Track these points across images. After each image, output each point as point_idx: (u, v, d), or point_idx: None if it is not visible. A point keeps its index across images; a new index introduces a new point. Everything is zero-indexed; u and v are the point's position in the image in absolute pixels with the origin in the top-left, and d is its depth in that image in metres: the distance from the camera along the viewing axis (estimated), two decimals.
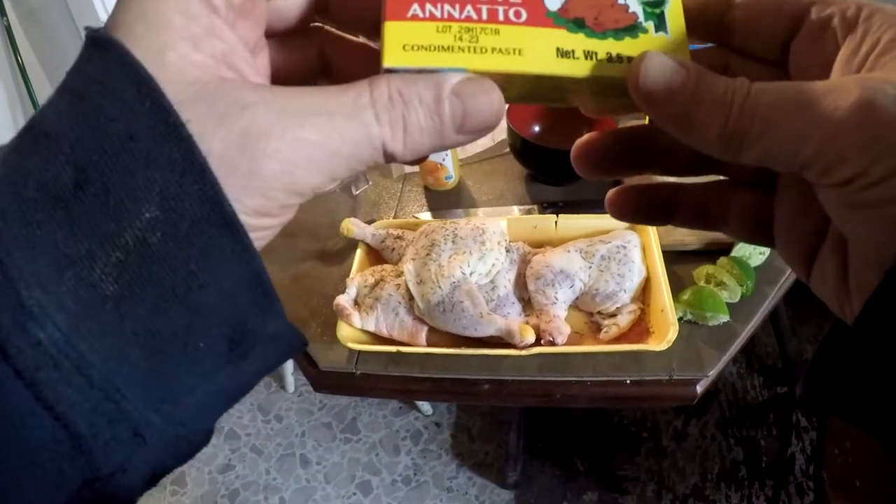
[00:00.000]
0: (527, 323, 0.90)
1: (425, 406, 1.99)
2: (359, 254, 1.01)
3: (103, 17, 2.15)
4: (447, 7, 0.26)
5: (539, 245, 1.02)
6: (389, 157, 0.25)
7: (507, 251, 0.97)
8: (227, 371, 0.24)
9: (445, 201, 1.22)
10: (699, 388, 0.89)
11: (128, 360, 0.21)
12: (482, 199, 1.22)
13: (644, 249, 0.99)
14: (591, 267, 0.95)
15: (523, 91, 0.29)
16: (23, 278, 0.19)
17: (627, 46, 0.27)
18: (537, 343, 0.87)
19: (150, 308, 0.21)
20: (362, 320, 0.91)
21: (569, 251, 0.96)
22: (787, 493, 1.82)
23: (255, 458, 1.93)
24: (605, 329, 0.92)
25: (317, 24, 0.31)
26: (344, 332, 0.90)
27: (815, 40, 0.26)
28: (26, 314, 0.19)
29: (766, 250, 1.04)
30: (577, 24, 0.27)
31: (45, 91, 2.19)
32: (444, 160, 1.18)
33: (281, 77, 0.30)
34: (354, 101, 0.24)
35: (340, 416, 2.02)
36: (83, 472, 0.22)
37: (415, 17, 0.26)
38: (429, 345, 0.91)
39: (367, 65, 0.28)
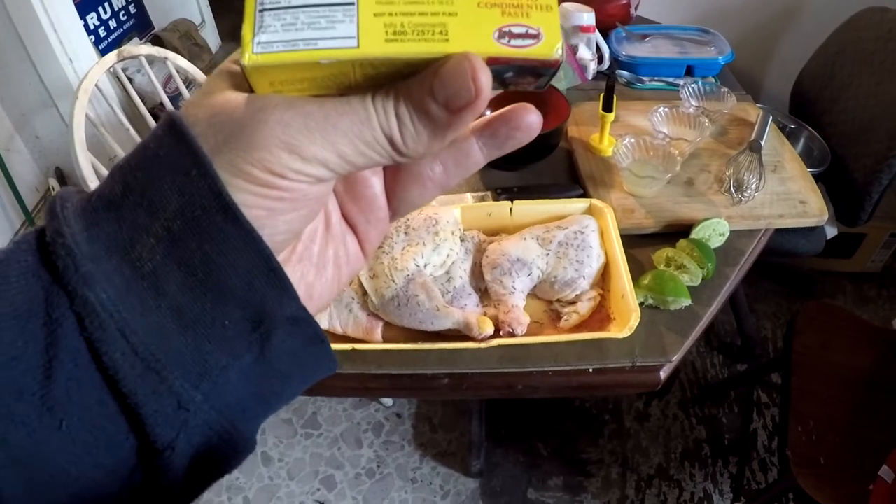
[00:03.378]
0: (484, 314, 0.88)
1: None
2: None
3: (41, 14, 2.10)
4: None
5: (494, 233, 0.99)
6: (396, 149, 0.27)
7: (462, 240, 0.94)
8: (253, 351, 0.27)
9: None
10: (663, 374, 0.87)
11: (165, 334, 0.25)
12: None
13: (602, 234, 0.97)
14: (548, 254, 0.92)
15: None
16: (82, 256, 0.24)
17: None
18: (496, 334, 0.85)
19: (179, 285, 0.25)
20: (315, 318, 0.87)
21: (525, 238, 0.93)
22: (750, 470, 1.83)
23: None
24: (565, 317, 0.90)
25: None
26: None
27: None
28: (81, 278, 0.24)
29: (726, 231, 1.03)
30: None
31: None
32: None
33: None
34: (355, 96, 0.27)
35: (300, 411, 1.98)
36: (136, 441, 0.26)
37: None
38: (385, 340, 0.87)
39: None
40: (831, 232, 1.69)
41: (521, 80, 0.28)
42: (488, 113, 0.30)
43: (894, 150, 1.41)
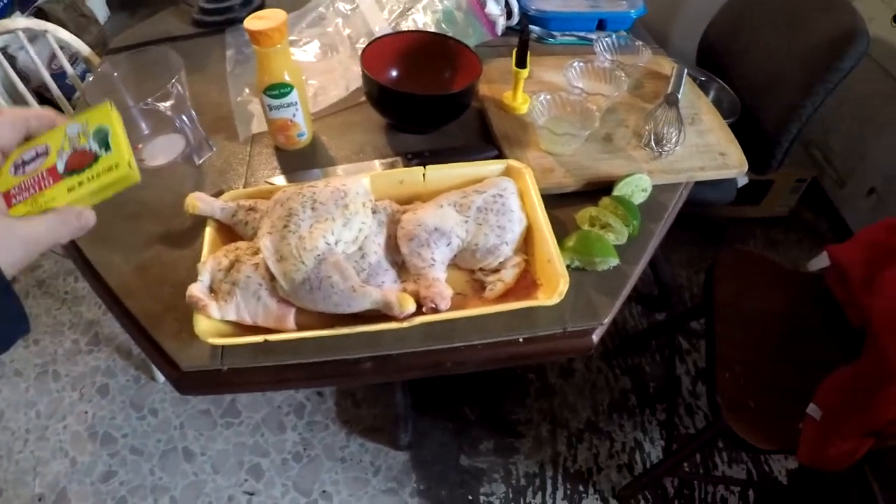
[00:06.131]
0: (404, 290, 0.82)
1: None
2: (208, 232, 0.88)
3: None
4: (25, 194, 0.53)
5: (408, 201, 0.94)
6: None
7: (374, 212, 0.88)
8: None
9: (300, 161, 1.11)
10: (595, 338, 0.84)
11: None
12: (340, 156, 1.12)
13: (522, 195, 0.92)
14: (467, 221, 0.87)
15: None
16: None
17: (97, 168, 0.53)
18: (419, 311, 0.79)
19: None
20: (221, 310, 0.80)
21: (441, 206, 0.88)
22: (678, 415, 1.86)
23: (137, 460, 1.78)
24: (489, 287, 0.85)
25: None
26: (202, 325, 0.78)
27: None
28: None
29: (649, 187, 1.00)
30: (72, 172, 0.53)
31: None
32: (294, 116, 1.06)
33: None
34: None
35: (218, 400, 1.89)
36: None
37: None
38: (299, 328, 0.81)
39: None
40: (742, 181, 1.71)
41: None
42: None
43: (803, 100, 1.43)
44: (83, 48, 1.64)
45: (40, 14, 2.91)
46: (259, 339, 0.78)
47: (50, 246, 0.51)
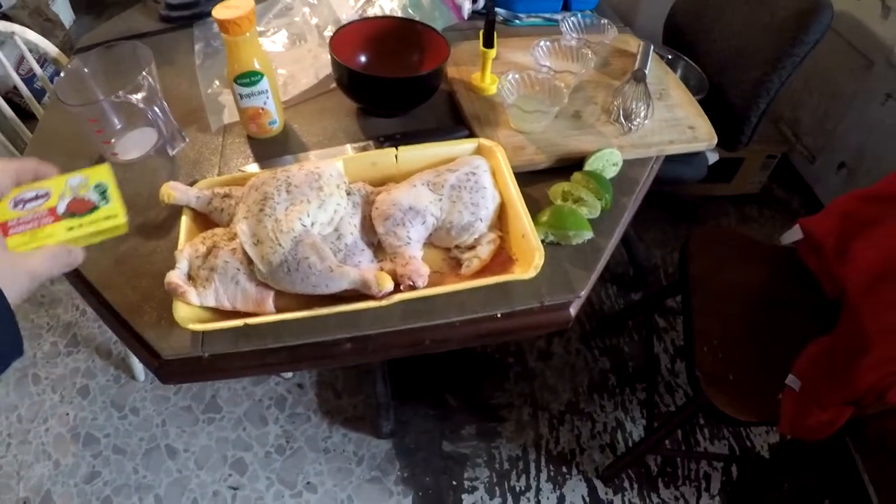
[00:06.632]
0: (381, 269, 0.83)
1: None
2: (184, 221, 0.88)
3: None
4: (23, 227, 0.60)
5: (381, 183, 0.94)
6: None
7: (348, 194, 0.88)
8: None
9: (272, 149, 1.11)
10: (573, 311, 0.85)
11: None
12: (312, 142, 1.12)
13: (494, 173, 0.93)
14: (441, 199, 0.88)
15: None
16: None
17: (96, 215, 0.63)
18: (396, 290, 0.80)
19: None
20: (200, 296, 0.80)
21: (415, 185, 0.89)
22: (658, 394, 1.88)
23: (120, 459, 1.77)
24: (465, 263, 0.86)
25: None
26: (182, 312, 0.78)
27: None
28: None
29: (619, 161, 1.01)
30: (72, 214, 0.62)
31: None
32: (265, 103, 1.06)
33: None
34: None
35: (199, 396, 1.89)
36: None
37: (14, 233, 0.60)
38: (278, 311, 0.81)
39: None
40: (713, 157, 1.73)
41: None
42: None
43: (770, 75, 1.45)
44: (51, 49, 1.62)
45: (5, 19, 2.87)
46: (239, 322, 0.78)
47: (46, 278, 0.58)
